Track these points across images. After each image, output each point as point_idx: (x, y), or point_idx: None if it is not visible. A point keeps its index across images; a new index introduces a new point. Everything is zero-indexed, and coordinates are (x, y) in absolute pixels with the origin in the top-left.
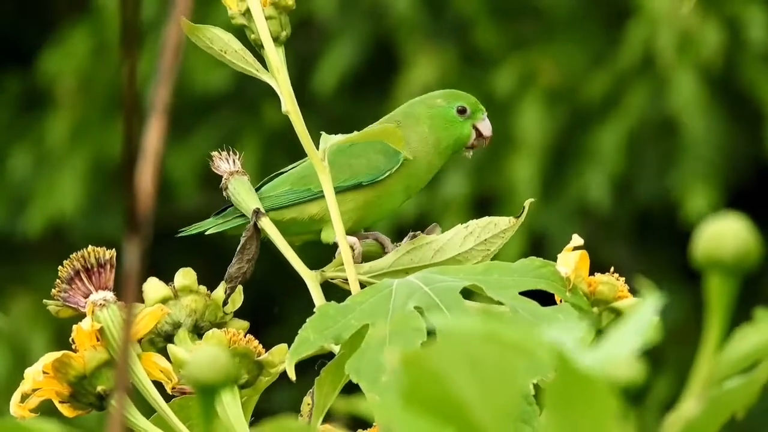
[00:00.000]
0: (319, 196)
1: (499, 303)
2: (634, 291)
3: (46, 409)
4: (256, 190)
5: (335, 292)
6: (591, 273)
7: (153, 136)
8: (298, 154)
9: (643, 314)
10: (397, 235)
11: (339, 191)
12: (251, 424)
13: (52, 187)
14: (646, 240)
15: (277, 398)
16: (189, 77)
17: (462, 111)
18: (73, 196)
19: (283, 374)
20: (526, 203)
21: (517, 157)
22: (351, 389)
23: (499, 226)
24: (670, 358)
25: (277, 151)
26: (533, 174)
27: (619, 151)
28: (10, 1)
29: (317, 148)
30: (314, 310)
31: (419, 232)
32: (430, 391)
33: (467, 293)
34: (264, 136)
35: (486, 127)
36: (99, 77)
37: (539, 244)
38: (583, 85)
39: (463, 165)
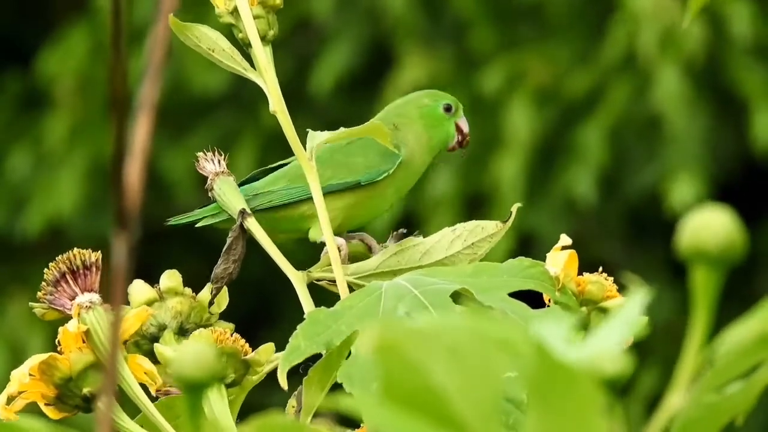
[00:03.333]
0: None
1: (489, 307)
2: (622, 286)
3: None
4: (245, 182)
5: (322, 293)
6: (580, 270)
7: (141, 132)
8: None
9: (629, 309)
10: (384, 236)
11: (334, 189)
12: (238, 423)
13: (50, 187)
14: (635, 236)
15: (267, 400)
16: (186, 78)
17: (448, 109)
18: (71, 196)
19: (272, 376)
20: (514, 208)
21: (503, 155)
22: (339, 389)
23: (486, 230)
24: (658, 353)
25: (274, 153)
26: (520, 172)
27: (604, 148)
28: (9, 1)
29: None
30: (304, 316)
31: (403, 230)
32: (407, 381)
33: (457, 296)
34: (261, 138)
35: (465, 124)
36: (98, 77)
37: (527, 242)
38: (568, 83)
39: (451, 164)
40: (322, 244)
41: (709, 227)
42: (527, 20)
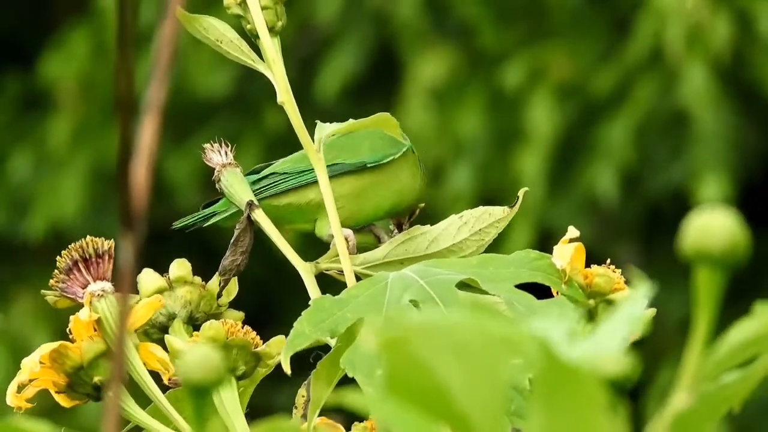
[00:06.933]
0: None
1: (495, 296)
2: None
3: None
4: (249, 174)
5: (328, 287)
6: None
7: (147, 133)
8: None
9: (633, 305)
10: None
11: (338, 172)
12: (246, 415)
13: (53, 189)
14: (656, 234)
15: (276, 391)
16: (189, 81)
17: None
18: (74, 198)
19: (280, 371)
20: (521, 193)
21: (524, 151)
22: (347, 383)
23: (493, 216)
24: (674, 352)
25: (278, 155)
26: (541, 168)
27: (628, 145)
28: (10, 2)
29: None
30: (309, 302)
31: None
32: (412, 377)
33: (463, 285)
34: (265, 140)
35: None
36: (99, 79)
37: (547, 238)
38: (592, 80)
39: (470, 159)
40: (328, 241)
41: (712, 228)
42: (538, 16)
